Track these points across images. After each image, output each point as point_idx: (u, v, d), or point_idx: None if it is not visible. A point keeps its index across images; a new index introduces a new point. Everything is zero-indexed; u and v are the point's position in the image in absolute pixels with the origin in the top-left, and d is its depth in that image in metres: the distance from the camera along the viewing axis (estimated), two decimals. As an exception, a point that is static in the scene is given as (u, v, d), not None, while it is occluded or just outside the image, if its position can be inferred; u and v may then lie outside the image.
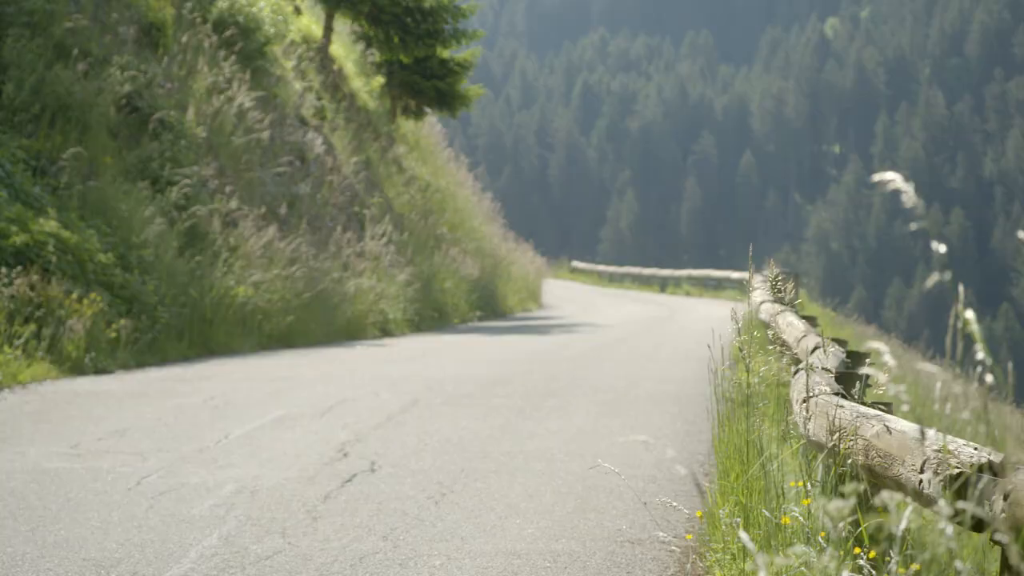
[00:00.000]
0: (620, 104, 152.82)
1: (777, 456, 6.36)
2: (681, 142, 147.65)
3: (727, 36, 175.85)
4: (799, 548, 3.31)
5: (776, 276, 13.91)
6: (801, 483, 5.61)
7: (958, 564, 2.92)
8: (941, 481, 3.74)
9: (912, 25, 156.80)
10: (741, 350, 7.71)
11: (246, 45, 21.05)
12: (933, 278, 2.72)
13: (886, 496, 2.89)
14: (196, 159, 17.63)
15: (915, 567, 3.74)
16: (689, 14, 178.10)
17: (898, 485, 4.22)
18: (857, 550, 4.43)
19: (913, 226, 2.53)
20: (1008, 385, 3.14)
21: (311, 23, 28.27)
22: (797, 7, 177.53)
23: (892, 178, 2.57)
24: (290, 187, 21.05)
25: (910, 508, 3.33)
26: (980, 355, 2.83)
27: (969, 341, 2.90)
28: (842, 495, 4.32)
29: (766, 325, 13.98)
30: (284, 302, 17.71)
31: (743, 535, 2.49)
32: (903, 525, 2.88)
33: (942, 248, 2.60)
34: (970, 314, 2.98)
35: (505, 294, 32.18)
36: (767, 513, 5.47)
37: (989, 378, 2.89)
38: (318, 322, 18.63)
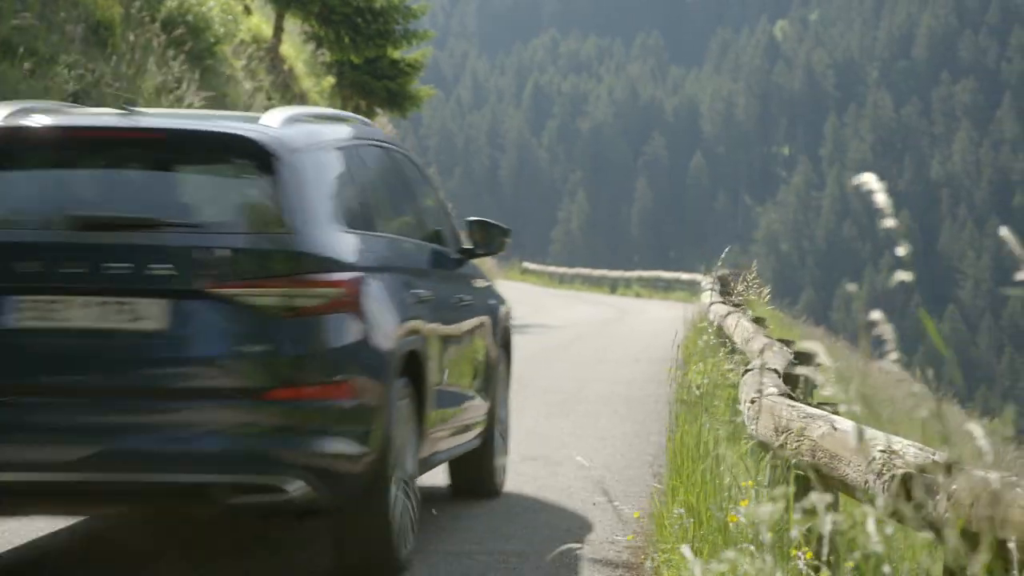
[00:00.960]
0: (571, 105, 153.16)
1: (725, 456, 6.40)
2: (632, 143, 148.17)
3: (677, 38, 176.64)
4: (730, 554, 3.34)
5: (752, 278, 13.93)
6: (751, 483, 5.65)
7: (886, 568, 2.95)
8: (886, 481, 3.78)
9: (861, 28, 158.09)
10: (690, 351, 7.77)
11: (195, 44, 20.95)
12: (897, 276, 2.75)
13: (815, 498, 2.92)
14: (145, 158, 17.53)
15: (848, 564, 3.78)
16: (639, 15, 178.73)
17: (844, 485, 4.26)
18: (807, 553, 4.46)
19: (888, 223, 2.56)
20: (957, 385, 3.18)
21: (261, 23, 28.16)
22: (747, 9, 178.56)
23: (866, 179, 2.60)
24: (240, 187, 20.98)
25: (870, 514, 3.36)
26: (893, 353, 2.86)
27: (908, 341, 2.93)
28: (784, 496, 4.36)
29: (716, 326, 14.06)
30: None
31: (685, 550, 2.51)
32: (829, 526, 2.91)
33: (904, 249, 2.63)
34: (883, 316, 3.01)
35: (456, 295, 32.13)
36: (716, 512, 5.50)
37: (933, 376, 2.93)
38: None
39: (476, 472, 7.44)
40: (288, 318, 5.19)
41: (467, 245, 7.25)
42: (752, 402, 5.89)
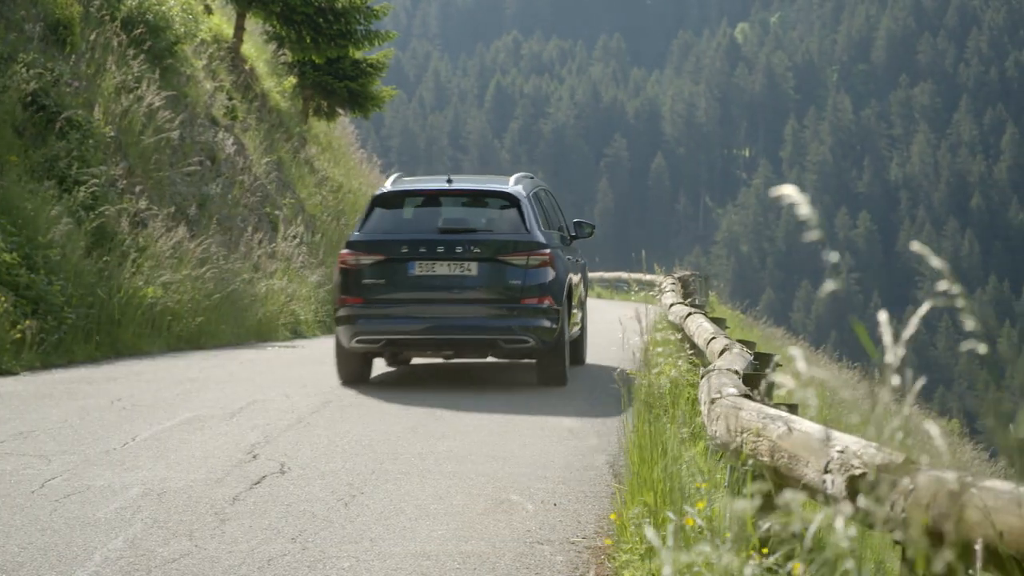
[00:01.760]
0: (533, 106, 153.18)
1: (683, 457, 6.42)
2: (593, 145, 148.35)
3: (639, 40, 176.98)
4: (703, 547, 3.35)
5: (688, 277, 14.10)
6: (707, 484, 5.67)
7: (848, 563, 2.97)
8: (844, 481, 3.80)
9: (820, 31, 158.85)
10: (651, 352, 7.78)
11: (155, 44, 20.84)
12: (828, 287, 2.77)
13: (788, 496, 2.93)
14: (104, 158, 17.41)
15: (806, 565, 3.80)
16: (601, 17, 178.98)
17: (803, 485, 4.28)
18: (765, 550, 4.49)
19: (811, 236, 2.57)
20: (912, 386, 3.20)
21: (222, 22, 28.03)
22: (708, 12, 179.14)
23: (787, 192, 2.62)
24: (200, 187, 20.86)
25: (826, 512, 3.38)
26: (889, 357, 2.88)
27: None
28: (745, 496, 4.38)
29: (676, 327, 14.09)
30: (194, 303, 17.55)
31: (649, 531, 2.52)
32: (799, 526, 2.92)
33: (834, 257, 2.65)
34: (883, 316, 3.03)
35: (417, 296, 32.12)
36: (671, 515, 5.51)
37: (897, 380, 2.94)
38: (228, 323, 18.48)
39: (577, 349, 14.79)
40: (527, 268, 12.39)
41: (573, 233, 14.57)
42: (711, 403, 5.91)
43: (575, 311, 13.73)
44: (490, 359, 14.55)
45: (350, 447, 8.99)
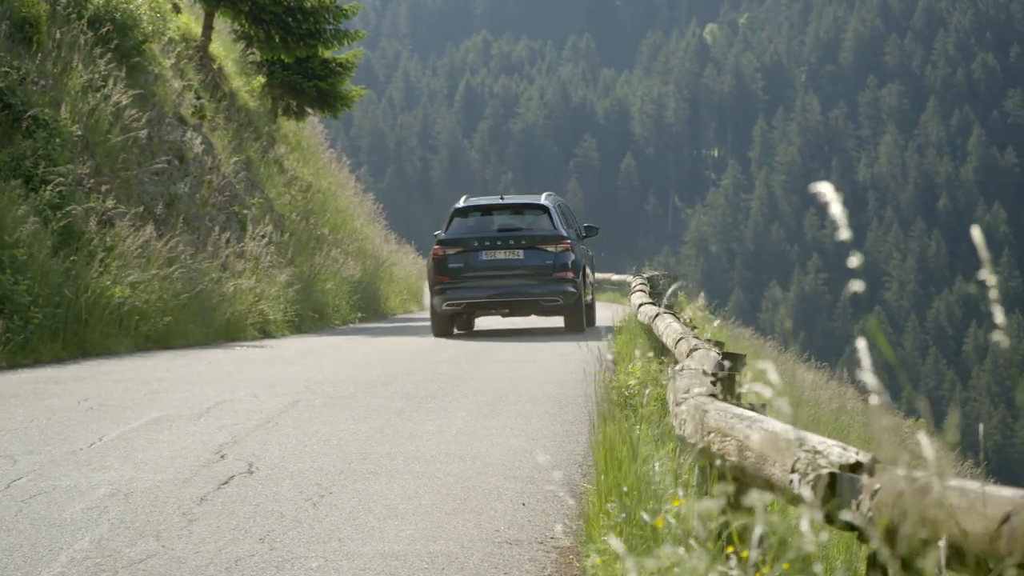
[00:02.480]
0: (503, 106, 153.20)
1: (653, 457, 6.43)
2: (563, 145, 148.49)
3: (608, 40, 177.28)
4: (669, 549, 3.36)
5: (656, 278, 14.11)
6: (676, 484, 5.69)
7: (817, 568, 2.98)
8: (810, 481, 3.81)
9: (789, 32, 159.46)
10: (620, 352, 7.80)
11: (123, 42, 20.73)
12: (852, 287, 2.78)
13: (755, 496, 2.94)
14: (71, 157, 17.32)
15: (785, 566, 3.82)
16: (571, 18, 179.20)
17: (770, 485, 4.30)
18: (730, 549, 4.50)
19: (841, 235, 2.57)
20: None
21: (190, 21, 27.93)
22: (677, 12, 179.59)
23: (822, 189, 2.64)
24: (168, 186, 20.78)
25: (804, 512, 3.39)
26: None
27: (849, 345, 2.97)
28: (711, 496, 4.39)
29: (646, 327, 14.13)
30: (162, 302, 17.48)
31: (613, 541, 2.53)
32: (760, 527, 2.94)
33: (856, 261, 2.63)
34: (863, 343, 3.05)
35: (387, 295, 32.09)
36: (645, 516, 5.53)
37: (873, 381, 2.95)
38: (196, 323, 18.41)
39: (590, 312, 21.38)
40: (556, 253, 19.59)
41: (584, 233, 21.23)
42: (680, 403, 5.93)
43: (588, 285, 21.12)
44: (463, 353, 14.51)
45: (319, 447, 8.97)
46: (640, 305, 17.13)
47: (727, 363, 7.72)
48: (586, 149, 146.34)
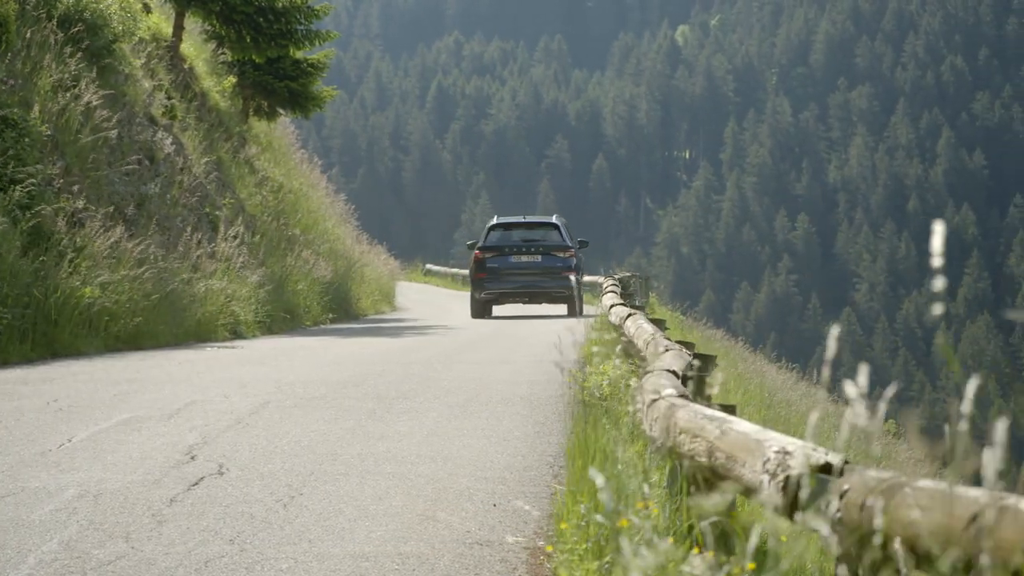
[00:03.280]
0: (475, 107, 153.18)
1: (622, 458, 6.44)
2: (535, 146, 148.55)
3: (580, 41, 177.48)
4: (645, 549, 3.37)
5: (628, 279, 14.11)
6: (646, 485, 5.70)
7: (784, 566, 3.00)
8: (780, 482, 3.83)
9: (760, 34, 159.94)
10: (592, 353, 7.81)
11: (93, 42, 20.65)
12: (935, 309, 2.79)
13: (717, 497, 2.95)
14: (41, 157, 17.23)
15: (750, 566, 3.83)
16: (543, 19, 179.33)
17: (740, 486, 4.31)
18: (696, 549, 4.51)
19: (935, 263, 2.52)
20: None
21: (161, 21, 27.83)
22: (648, 14, 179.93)
23: (938, 228, 2.57)
24: (139, 187, 20.70)
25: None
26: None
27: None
28: (683, 496, 4.41)
29: (617, 328, 14.15)
30: (132, 303, 17.41)
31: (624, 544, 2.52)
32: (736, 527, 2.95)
33: (941, 284, 2.61)
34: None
35: (358, 296, 32.04)
36: (611, 514, 5.53)
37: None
38: (167, 324, 18.35)
39: (580, 303, 27.64)
40: (563, 258, 27.55)
41: (577, 246, 28.54)
42: (650, 404, 5.94)
43: (582, 286, 28.92)
44: (435, 354, 14.49)
45: (289, 448, 8.96)
46: (612, 306, 17.16)
47: (697, 364, 7.75)
48: (558, 150, 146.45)
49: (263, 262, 24.45)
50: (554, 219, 28.57)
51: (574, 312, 27.22)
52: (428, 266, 63.04)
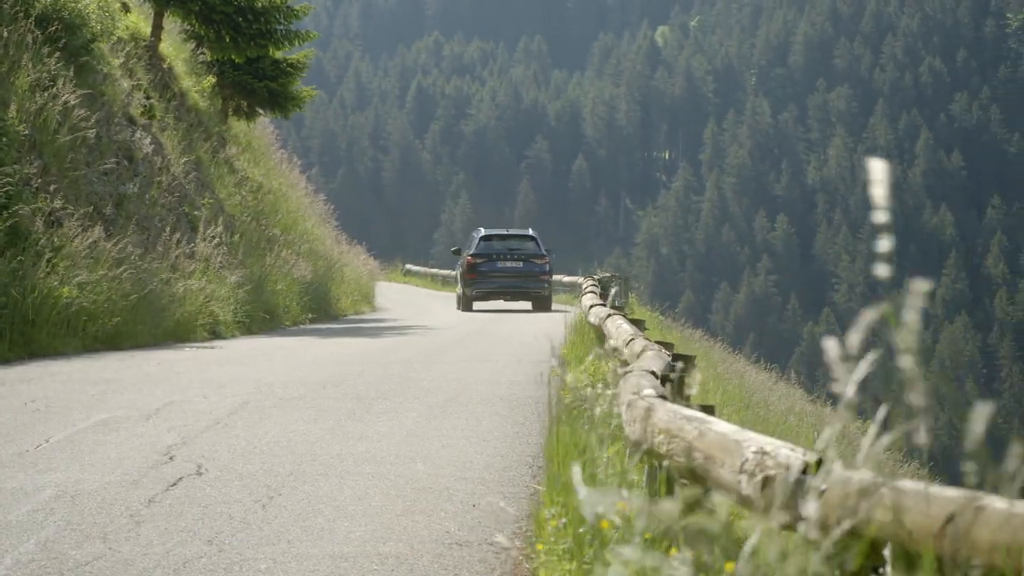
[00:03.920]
0: (454, 107, 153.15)
1: (601, 458, 6.45)
2: (515, 146, 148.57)
3: (560, 42, 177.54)
4: (624, 548, 3.37)
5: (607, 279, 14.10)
6: (624, 485, 5.70)
7: (739, 566, 3.00)
8: (758, 482, 3.84)
9: (739, 35, 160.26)
10: (572, 353, 7.82)
11: (71, 41, 20.57)
12: (882, 271, 2.77)
13: (687, 495, 2.96)
14: (18, 157, 17.16)
15: (728, 566, 3.84)
16: (522, 19, 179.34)
17: (719, 486, 4.32)
18: (674, 550, 4.52)
19: (878, 218, 2.52)
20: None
21: (139, 20, 27.75)
22: (628, 15, 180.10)
23: (877, 167, 2.59)
24: (117, 187, 20.64)
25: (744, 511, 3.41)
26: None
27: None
28: (661, 496, 4.42)
29: (596, 328, 14.17)
30: (110, 303, 17.35)
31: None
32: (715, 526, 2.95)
33: (885, 245, 2.60)
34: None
35: (338, 296, 32.00)
36: (589, 515, 5.53)
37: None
38: (146, 324, 18.30)
39: (550, 303, 33.74)
40: (540, 264, 33.23)
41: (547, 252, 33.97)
42: (629, 404, 5.95)
43: (552, 286, 34.13)
44: (414, 354, 14.47)
45: (268, 448, 8.94)
46: (591, 306, 17.17)
47: (677, 364, 7.76)
48: (537, 151, 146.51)
49: (242, 262, 24.40)
50: (530, 232, 34.93)
51: (546, 308, 32.96)
52: (408, 266, 63.00)
